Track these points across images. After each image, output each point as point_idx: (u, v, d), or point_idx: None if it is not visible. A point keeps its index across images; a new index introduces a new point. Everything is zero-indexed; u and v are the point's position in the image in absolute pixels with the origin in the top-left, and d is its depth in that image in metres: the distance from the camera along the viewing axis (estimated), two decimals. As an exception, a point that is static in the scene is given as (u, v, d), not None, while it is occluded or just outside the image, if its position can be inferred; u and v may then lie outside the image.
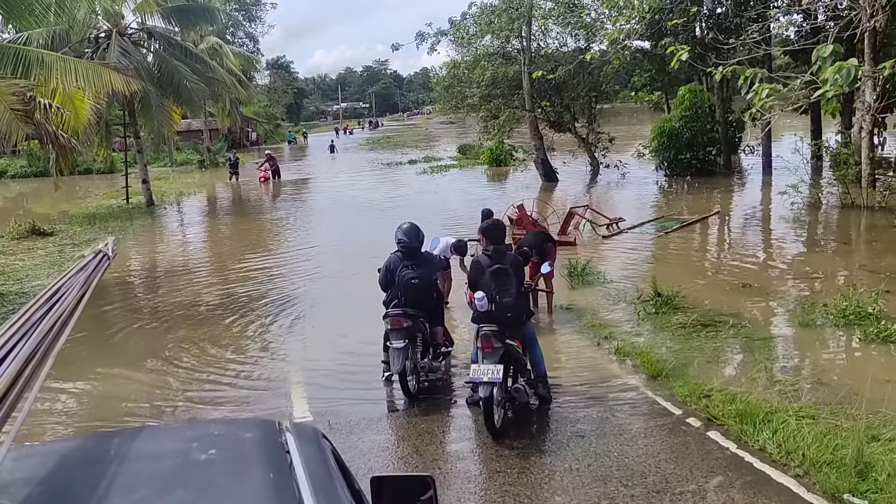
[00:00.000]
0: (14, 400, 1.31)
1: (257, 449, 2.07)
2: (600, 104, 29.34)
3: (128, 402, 7.38)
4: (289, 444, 2.08)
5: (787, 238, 14.54)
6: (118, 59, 21.77)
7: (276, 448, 2.06)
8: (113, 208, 24.79)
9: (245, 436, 2.23)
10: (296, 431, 2.21)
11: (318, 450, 2.16)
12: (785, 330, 8.59)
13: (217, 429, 2.46)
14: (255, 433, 2.25)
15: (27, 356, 1.44)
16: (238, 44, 62.06)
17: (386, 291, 7.01)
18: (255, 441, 2.14)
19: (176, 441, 2.27)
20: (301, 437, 2.17)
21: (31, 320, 1.62)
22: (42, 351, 1.53)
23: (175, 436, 2.49)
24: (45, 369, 1.47)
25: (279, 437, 2.13)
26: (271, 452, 2.03)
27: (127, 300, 12.25)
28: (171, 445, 2.19)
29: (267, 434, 2.19)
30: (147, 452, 2.10)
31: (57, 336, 1.64)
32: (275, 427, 2.24)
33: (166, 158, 43.94)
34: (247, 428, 2.43)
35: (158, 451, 2.12)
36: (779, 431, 5.44)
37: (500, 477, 5.31)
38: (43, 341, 1.55)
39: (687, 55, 9.71)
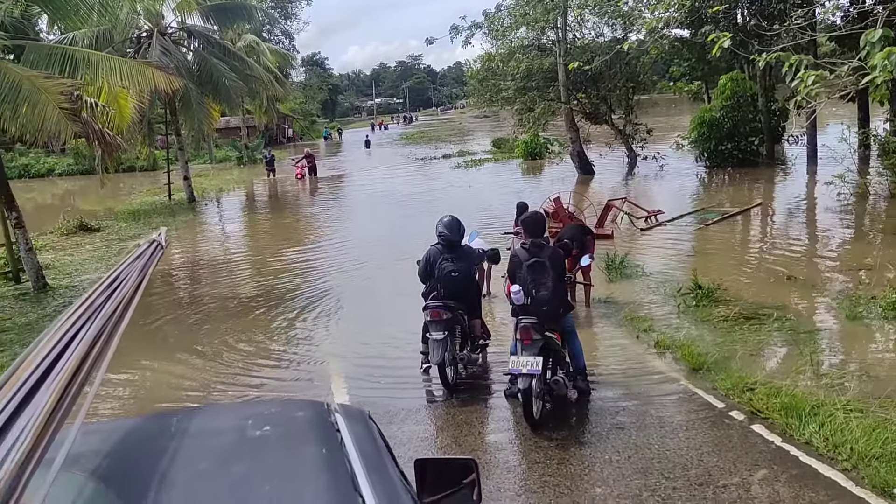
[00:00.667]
0: (84, 378, 1.37)
1: (309, 427, 2.13)
2: (637, 95, 28.93)
3: (170, 392, 7.53)
4: (338, 423, 2.13)
5: (834, 229, 14.18)
6: (159, 57, 22.16)
7: (327, 426, 2.11)
8: (156, 204, 25.30)
9: (297, 414, 2.29)
10: (344, 412, 2.27)
11: (367, 430, 2.21)
12: (831, 323, 8.40)
13: (270, 408, 2.56)
14: (307, 412, 2.30)
15: (93, 338, 1.50)
16: (274, 41, 62.68)
17: (425, 283, 7.04)
18: (307, 420, 2.20)
19: (232, 419, 2.35)
20: (350, 418, 2.22)
21: (95, 305, 1.69)
22: (107, 333, 1.59)
23: (231, 414, 2.58)
24: (111, 351, 1.54)
25: (329, 417, 2.19)
26: (322, 431, 2.09)
27: (169, 292, 12.49)
28: (228, 423, 2.27)
29: (317, 413, 2.25)
30: (206, 429, 2.19)
31: (119, 320, 1.71)
32: (324, 407, 2.30)
33: (206, 155, 44.63)
34: (298, 408, 2.49)
35: (216, 428, 2.21)
36: (826, 425, 5.33)
37: (540, 468, 5.30)
38: (107, 324, 1.62)
39: (729, 42, 9.53)
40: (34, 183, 38.57)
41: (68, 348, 1.40)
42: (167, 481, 1.83)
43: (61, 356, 1.36)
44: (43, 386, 1.26)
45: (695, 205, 17.64)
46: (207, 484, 1.85)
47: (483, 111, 51.39)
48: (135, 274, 2.07)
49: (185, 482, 1.85)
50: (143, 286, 2.06)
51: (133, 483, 1.82)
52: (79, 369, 1.36)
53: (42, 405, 1.19)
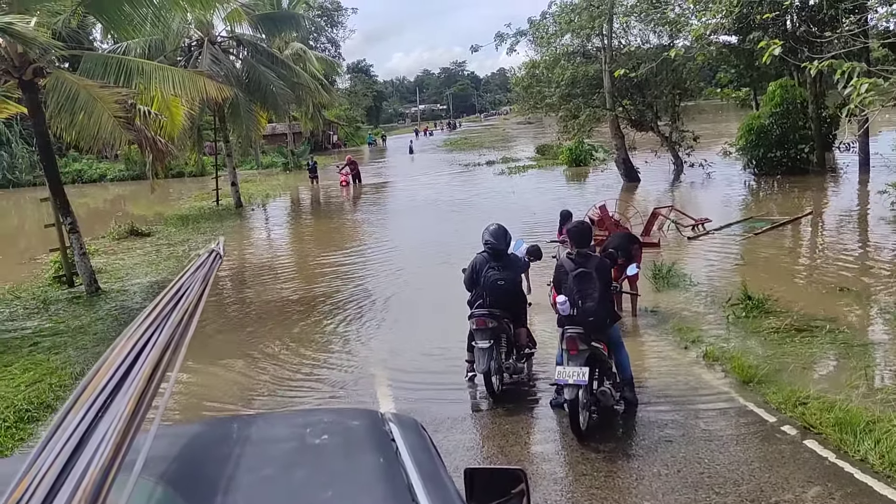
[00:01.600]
0: (157, 384, 1.43)
1: (365, 436, 2.17)
2: (684, 102, 28.58)
3: (218, 398, 7.68)
4: (393, 432, 2.17)
5: (887, 240, 13.78)
6: (209, 66, 22.67)
7: (382, 435, 2.15)
8: (204, 210, 25.83)
9: (352, 423, 2.33)
10: (397, 421, 2.30)
11: (420, 439, 2.24)
12: (886, 336, 8.18)
13: (326, 417, 2.58)
14: (362, 421, 2.34)
15: (164, 345, 1.57)
16: (320, 49, 63.61)
17: (471, 291, 7.07)
18: (363, 428, 2.24)
19: (290, 427, 2.39)
20: (403, 427, 2.25)
21: (163, 314, 1.76)
22: (175, 341, 1.66)
23: (289, 422, 2.61)
24: (180, 357, 1.61)
25: (383, 426, 2.22)
26: (378, 439, 2.12)
27: (218, 297, 12.74)
28: (287, 430, 2.31)
29: (372, 422, 2.28)
30: (266, 436, 2.24)
31: (186, 328, 1.78)
32: (378, 416, 2.34)
33: (253, 161, 45.44)
34: (353, 416, 2.53)
35: (276, 436, 2.25)
36: (882, 441, 5.20)
37: (587, 480, 5.28)
38: (175, 332, 1.68)
39: (780, 50, 9.38)
40: (87, 188, 39.79)
41: (141, 356, 1.47)
42: (233, 486, 1.88)
43: (135, 364, 1.43)
44: (120, 393, 1.32)
45: (743, 213, 17.35)
46: (271, 489, 1.88)
47: (527, 118, 51.33)
48: (197, 284, 2.15)
49: (250, 487, 1.89)
50: (206, 296, 2.14)
51: (200, 487, 1.87)
52: (153, 375, 1.42)
53: (121, 411, 1.25)
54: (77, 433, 1.16)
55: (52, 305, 12.35)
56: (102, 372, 1.37)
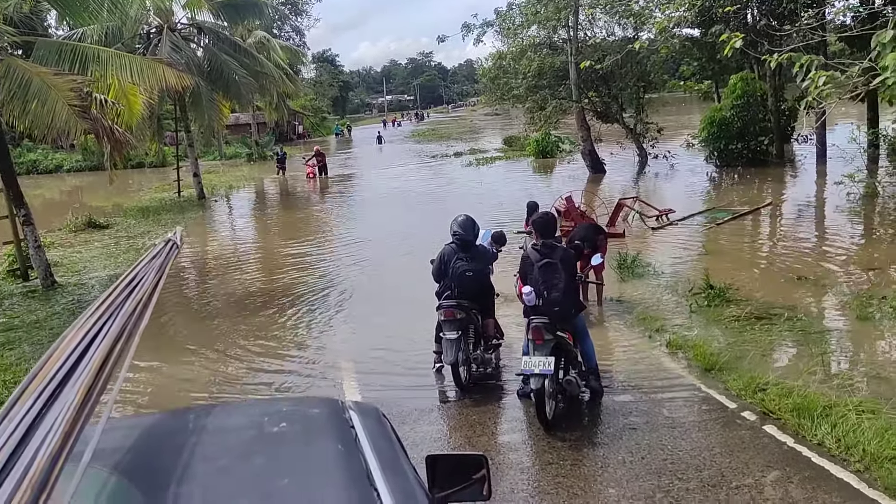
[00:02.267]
0: (108, 375, 1.41)
1: (324, 423, 2.18)
2: (648, 94, 28.84)
3: (180, 390, 7.57)
4: (353, 420, 2.18)
5: (844, 229, 14.12)
6: (169, 54, 22.20)
7: (342, 423, 2.16)
8: (165, 201, 25.39)
9: (312, 412, 2.35)
10: (358, 409, 2.32)
11: (381, 426, 2.26)
12: (842, 323, 8.38)
13: (285, 406, 2.59)
14: (321, 409, 2.35)
15: (115, 336, 1.54)
16: (285, 38, 62.74)
17: (439, 282, 7.06)
18: (322, 416, 2.26)
19: (248, 416, 2.41)
20: (363, 414, 2.27)
21: (115, 303, 1.73)
22: (128, 331, 1.63)
23: (247, 411, 2.64)
24: (133, 348, 1.57)
25: (343, 414, 2.23)
26: (337, 427, 2.13)
27: (179, 289, 12.55)
28: (245, 420, 2.33)
29: (332, 410, 2.30)
30: (224, 426, 2.25)
31: (139, 318, 1.75)
32: (338, 405, 2.36)
33: (216, 152, 44.75)
34: (313, 405, 2.55)
35: (234, 425, 2.26)
36: (838, 426, 5.33)
37: (553, 468, 5.32)
38: (128, 322, 1.65)
39: (741, 43, 9.51)
40: (42, 179, 38.80)
41: (91, 346, 1.44)
42: (188, 476, 1.87)
43: (85, 354, 1.40)
44: (69, 383, 1.29)
45: (705, 204, 17.62)
46: (228, 479, 1.89)
47: (494, 109, 51.39)
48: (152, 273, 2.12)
49: (206, 477, 1.89)
50: (161, 286, 2.11)
51: (155, 478, 1.86)
52: (103, 366, 1.40)
53: (69, 402, 1.22)
54: (24, 423, 1.14)
55: (6, 300, 12.03)
56: (52, 362, 1.34)
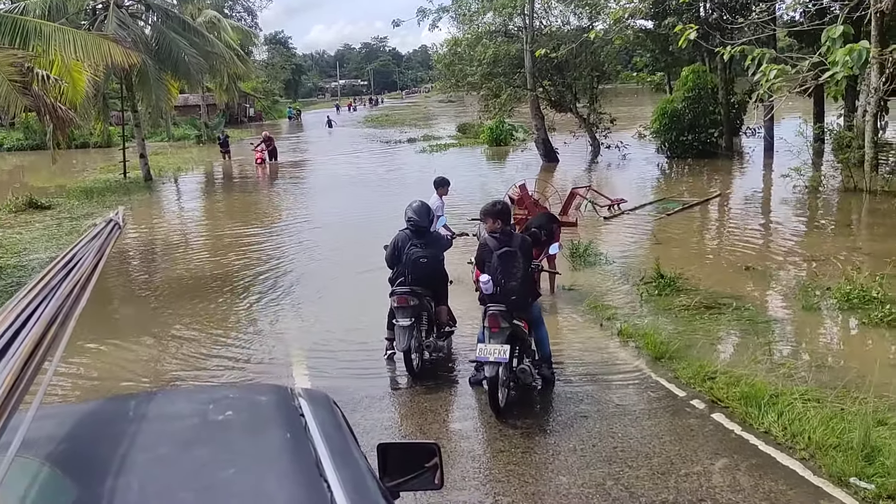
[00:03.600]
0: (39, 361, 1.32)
1: (273, 411, 2.12)
2: (602, 84, 29.12)
3: (125, 378, 7.34)
4: (302, 407, 2.12)
5: (789, 221, 14.49)
6: (116, 31, 21.46)
7: (291, 410, 2.10)
8: (110, 182, 24.63)
9: (260, 399, 2.29)
10: (308, 396, 2.25)
11: (331, 413, 2.21)
12: (788, 313, 8.57)
13: (232, 392, 2.50)
14: (270, 397, 2.29)
15: (49, 318, 1.45)
16: (236, 18, 61.58)
17: (392, 269, 6.97)
18: (270, 404, 2.19)
19: (193, 403, 2.31)
20: (313, 402, 2.21)
21: (51, 285, 1.63)
22: (63, 314, 1.54)
23: (191, 398, 2.53)
24: (68, 332, 1.48)
25: (293, 401, 2.17)
26: (286, 414, 2.07)
27: (124, 273, 12.20)
28: (189, 407, 2.24)
29: (281, 398, 2.23)
30: (166, 413, 2.16)
31: (76, 300, 1.65)
32: (288, 392, 2.29)
33: (163, 133, 43.64)
34: (261, 392, 2.49)
35: (176, 412, 2.17)
36: (784, 414, 5.43)
37: (505, 456, 5.30)
38: (63, 304, 1.56)
39: (695, 34, 9.61)
40: (-19, 158, 37.29)
41: (22, 330, 1.36)
42: (126, 466, 1.79)
43: (15, 338, 1.32)
44: None
45: (657, 194, 17.85)
46: (168, 469, 1.81)
47: (448, 96, 51.27)
48: (91, 254, 2.04)
49: (145, 467, 1.81)
50: (101, 267, 2.02)
51: (90, 468, 1.78)
52: (34, 352, 1.32)
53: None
54: None
55: (-59, 282, 11.52)
56: None
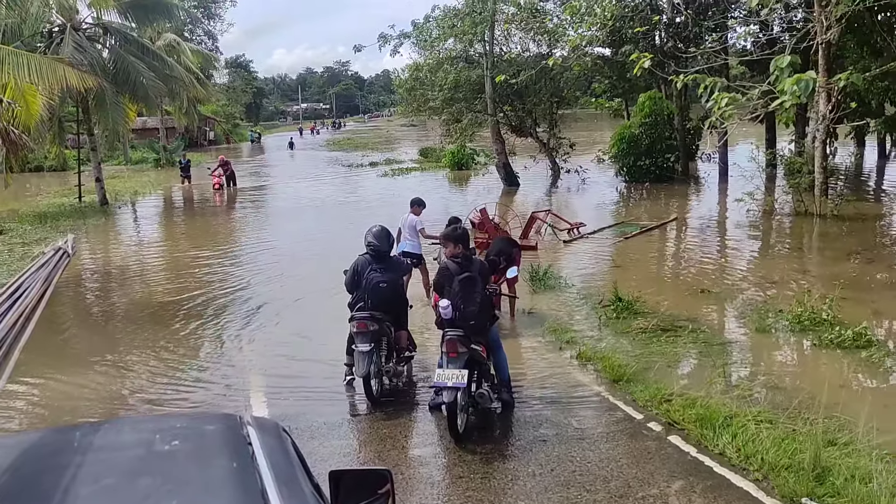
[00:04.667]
0: None
1: (219, 440, 2.12)
2: (561, 109, 29.59)
3: (78, 406, 7.14)
4: (250, 436, 2.12)
5: (743, 245, 14.84)
6: (72, 54, 21.19)
7: (238, 439, 2.10)
8: (65, 207, 24.13)
9: (207, 428, 2.28)
10: (257, 424, 2.26)
11: (279, 441, 2.22)
12: (742, 335, 8.74)
13: (179, 422, 2.54)
14: (217, 426, 2.29)
15: None
16: (196, 41, 61.11)
17: (352, 293, 6.93)
18: (218, 433, 2.20)
19: (139, 433, 2.31)
20: (262, 430, 2.22)
21: None
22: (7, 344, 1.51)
23: (137, 428, 2.51)
24: (12, 362, 1.44)
25: (241, 430, 2.18)
26: (233, 443, 2.08)
27: (79, 301, 11.90)
28: (134, 437, 2.22)
29: (229, 427, 2.24)
30: (110, 444, 2.13)
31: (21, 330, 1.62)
32: (236, 420, 2.29)
33: (121, 157, 42.99)
34: (209, 421, 2.48)
35: (122, 443, 2.15)
36: (738, 436, 5.51)
37: (464, 482, 5.28)
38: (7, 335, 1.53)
39: (650, 63, 9.86)
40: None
41: None
42: (69, 497, 1.76)
43: None
44: None
45: (615, 218, 18.13)
46: (111, 500, 1.79)
47: (410, 120, 51.63)
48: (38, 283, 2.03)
49: (88, 499, 1.78)
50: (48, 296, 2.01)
51: (33, 499, 1.75)
52: None
53: None
54: None
55: None
56: None
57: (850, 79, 9.13)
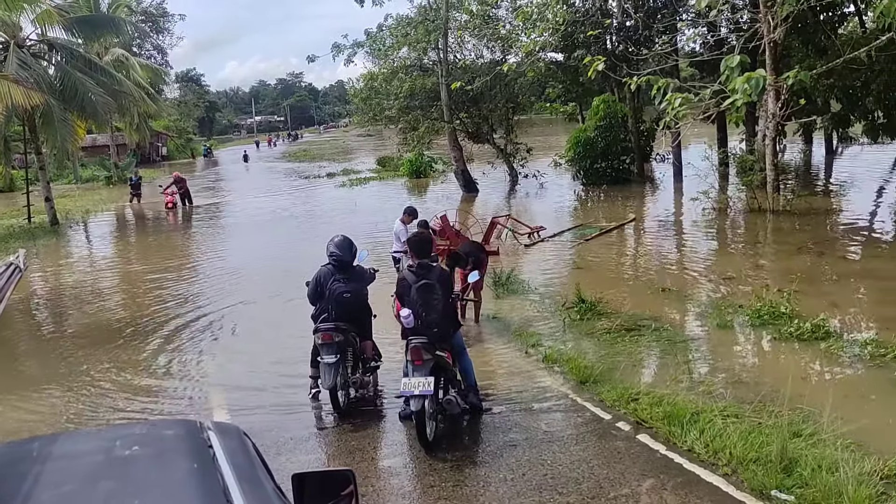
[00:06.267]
0: None
1: (180, 444, 2.15)
2: (517, 115, 29.81)
3: (26, 428, 6.88)
4: (211, 439, 2.15)
5: (701, 242, 15.07)
6: (17, 71, 20.64)
7: (199, 443, 2.13)
8: (14, 228, 23.46)
9: (167, 433, 2.32)
10: (217, 428, 2.29)
11: (241, 444, 2.25)
12: (704, 331, 8.84)
13: (138, 429, 2.53)
14: (177, 430, 2.32)
15: None
16: (145, 56, 60.13)
17: (315, 305, 6.82)
18: (178, 437, 2.22)
19: (97, 441, 2.31)
20: (222, 433, 2.25)
21: None
22: None
23: (96, 437, 2.54)
24: None
25: (201, 434, 2.20)
26: (194, 447, 2.10)
27: (30, 324, 11.53)
28: (93, 445, 2.23)
29: (189, 431, 2.26)
30: (69, 452, 2.14)
31: None
32: (196, 425, 2.32)
33: (70, 175, 41.96)
34: (168, 427, 2.51)
35: (81, 451, 2.16)
36: (705, 431, 5.55)
37: (435, 491, 5.21)
38: None
39: (604, 66, 9.96)
40: None
41: None
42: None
43: None
44: None
45: (574, 221, 18.27)
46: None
47: (367, 129, 51.43)
48: None
49: None
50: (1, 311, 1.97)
51: None
52: None
53: None
54: None
55: None
56: None
57: (798, 76, 9.33)
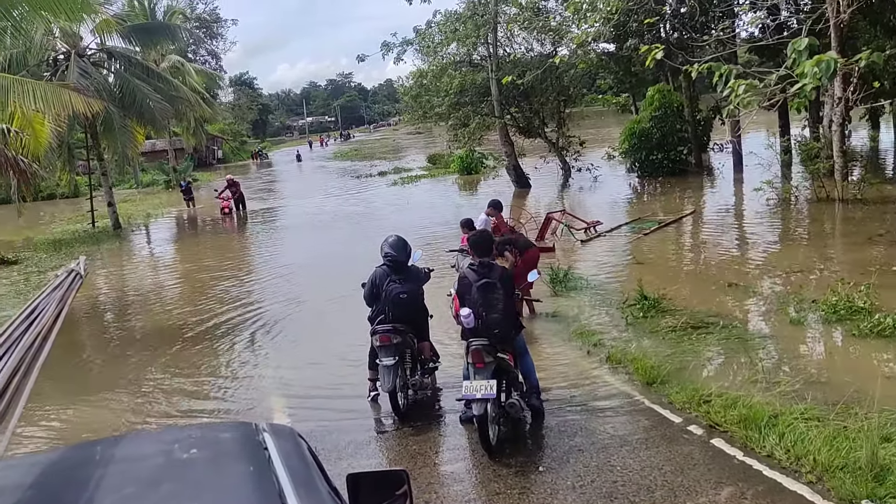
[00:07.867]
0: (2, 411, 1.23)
1: (236, 447, 2.18)
2: (568, 108, 29.34)
3: (97, 431, 6.98)
4: (266, 441, 2.17)
5: (766, 234, 14.50)
6: (78, 80, 21.22)
7: (254, 445, 2.15)
8: (79, 233, 24.17)
9: (223, 436, 2.35)
10: (272, 431, 2.30)
11: (295, 446, 2.27)
12: (777, 328, 8.42)
13: (196, 432, 2.58)
14: (233, 433, 2.37)
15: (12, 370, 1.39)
16: (200, 61, 61.44)
17: (371, 307, 6.73)
18: (234, 440, 2.25)
19: (157, 444, 2.35)
20: (278, 436, 2.26)
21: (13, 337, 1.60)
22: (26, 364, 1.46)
23: (155, 439, 2.57)
24: (31, 382, 1.33)
25: (256, 436, 2.22)
26: (250, 449, 2.13)
27: (96, 327, 11.80)
28: (153, 448, 2.27)
29: (244, 434, 2.29)
30: (130, 455, 2.19)
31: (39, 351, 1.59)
32: (251, 427, 2.34)
33: (131, 180, 43.18)
34: (224, 430, 2.56)
35: (141, 454, 2.20)
36: (786, 436, 5.24)
37: (501, 499, 5.04)
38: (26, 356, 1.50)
39: (662, 53, 9.63)
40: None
41: None
42: None
43: None
44: None
45: (631, 215, 17.84)
46: None
47: (416, 127, 51.53)
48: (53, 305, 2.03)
49: None
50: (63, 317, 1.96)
51: None
52: None
53: None
54: None
55: None
56: None
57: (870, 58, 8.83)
